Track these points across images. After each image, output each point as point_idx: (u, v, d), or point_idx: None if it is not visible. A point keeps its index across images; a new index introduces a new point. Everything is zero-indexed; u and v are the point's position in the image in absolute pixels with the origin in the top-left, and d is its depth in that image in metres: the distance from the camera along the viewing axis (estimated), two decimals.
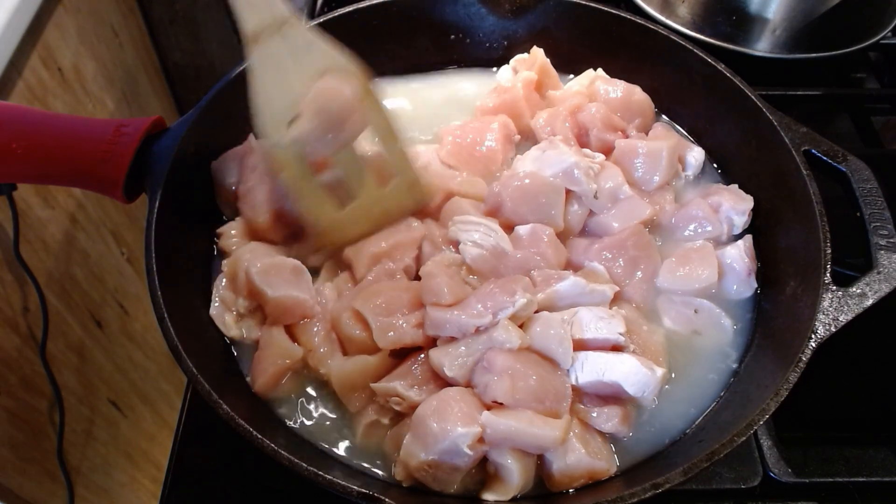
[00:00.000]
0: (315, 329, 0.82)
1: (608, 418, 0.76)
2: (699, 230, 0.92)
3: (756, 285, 0.89)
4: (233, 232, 0.91)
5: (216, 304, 0.86)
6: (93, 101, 1.67)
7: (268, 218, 0.88)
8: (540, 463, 0.75)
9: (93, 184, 0.85)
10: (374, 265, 0.85)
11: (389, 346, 0.79)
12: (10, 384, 1.35)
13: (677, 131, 1.06)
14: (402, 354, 0.81)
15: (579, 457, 0.72)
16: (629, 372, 0.75)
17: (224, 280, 0.87)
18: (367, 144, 0.88)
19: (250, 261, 0.83)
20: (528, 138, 1.03)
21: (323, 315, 0.83)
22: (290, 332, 0.82)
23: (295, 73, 0.79)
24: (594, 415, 0.77)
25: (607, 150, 0.98)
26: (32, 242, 1.40)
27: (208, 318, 0.85)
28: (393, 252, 0.86)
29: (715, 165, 1.03)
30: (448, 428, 0.70)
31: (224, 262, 0.87)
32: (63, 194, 1.50)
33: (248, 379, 0.83)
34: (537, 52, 1.07)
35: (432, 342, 0.80)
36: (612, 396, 0.77)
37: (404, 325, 0.79)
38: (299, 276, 0.84)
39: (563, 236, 0.91)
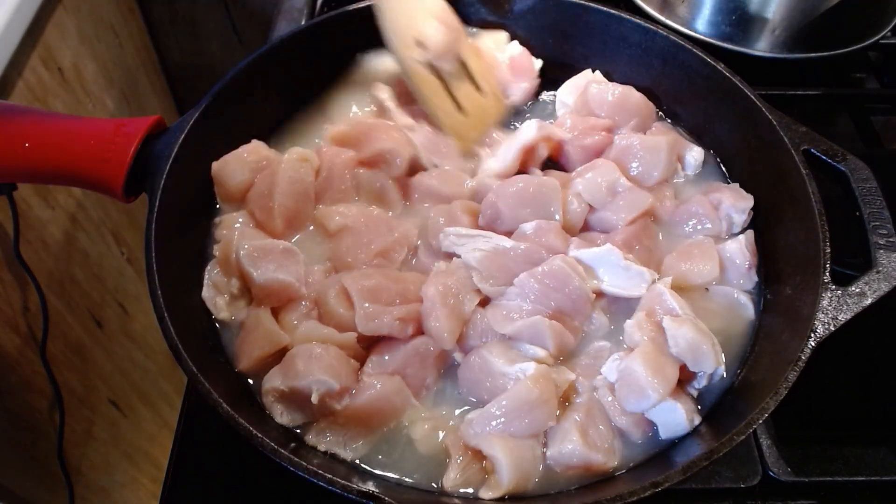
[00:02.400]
0: (299, 309, 0.83)
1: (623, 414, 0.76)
2: (699, 227, 0.92)
3: (757, 279, 0.89)
4: (236, 225, 0.90)
5: (208, 287, 0.86)
6: (93, 101, 1.67)
7: (281, 223, 0.89)
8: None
9: (93, 184, 0.86)
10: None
11: (368, 333, 0.79)
12: (10, 384, 1.35)
13: (677, 131, 1.06)
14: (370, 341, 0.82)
15: (574, 446, 0.73)
16: (671, 422, 0.75)
17: (216, 264, 0.87)
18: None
19: (239, 242, 0.84)
20: None
21: (309, 296, 0.84)
22: (277, 314, 0.83)
23: (416, 8, 1.01)
24: (613, 408, 0.77)
25: (598, 152, 0.99)
26: (32, 242, 1.40)
27: (208, 317, 0.85)
28: (386, 252, 0.87)
29: (719, 161, 1.03)
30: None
31: (215, 245, 0.88)
32: (63, 194, 1.50)
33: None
34: None
35: (409, 338, 0.81)
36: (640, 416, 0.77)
37: (386, 317, 0.79)
38: (289, 258, 0.84)
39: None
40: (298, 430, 0.78)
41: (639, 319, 0.80)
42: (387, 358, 0.80)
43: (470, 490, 0.74)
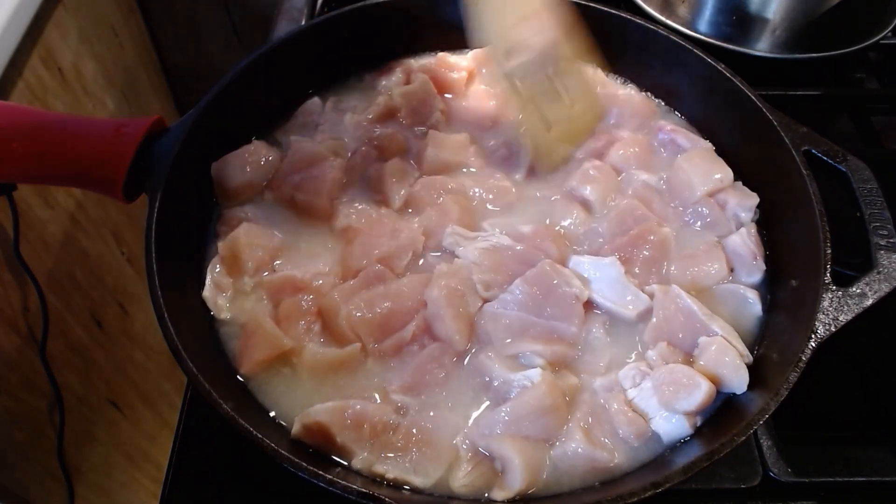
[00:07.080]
0: (303, 321, 0.83)
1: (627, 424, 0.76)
2: (707, 228, 0.92)
3: (765, 267, 0.88)
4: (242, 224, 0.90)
5: (209, 287, 0.86)
6: (93, 101, 1.67)
7: (325, 202, 0.91)
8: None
9: (93, 184, 0.86)
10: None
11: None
12: (10, 384, 1.35)
13: (686, 127, 1.05)
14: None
15: (578, 445, 0.73)
16: (674, 429, 0.76)
17: (218, 262, 0.87)
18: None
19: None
20: None
21: (312, 308, 0.84)
22: (279, 322, 0.83)
23: (514, 7, 0.92)
24: (618, 417, 0.76)
25: (601, 152, 0.99)
26: (32, 242, 1.40)
27: (209, 317, 0.85)
28: (390, 258, 0.87)
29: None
30: None
31: (220, 243, 0.88)
32: (63, 194, 1.50)
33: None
34: None
35: (422, 346, 0.82)
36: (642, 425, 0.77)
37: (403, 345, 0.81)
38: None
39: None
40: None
41: (661, 350, 0.79)
42: (404, 370, 0.80)
43: (478, 491, 0.73)
